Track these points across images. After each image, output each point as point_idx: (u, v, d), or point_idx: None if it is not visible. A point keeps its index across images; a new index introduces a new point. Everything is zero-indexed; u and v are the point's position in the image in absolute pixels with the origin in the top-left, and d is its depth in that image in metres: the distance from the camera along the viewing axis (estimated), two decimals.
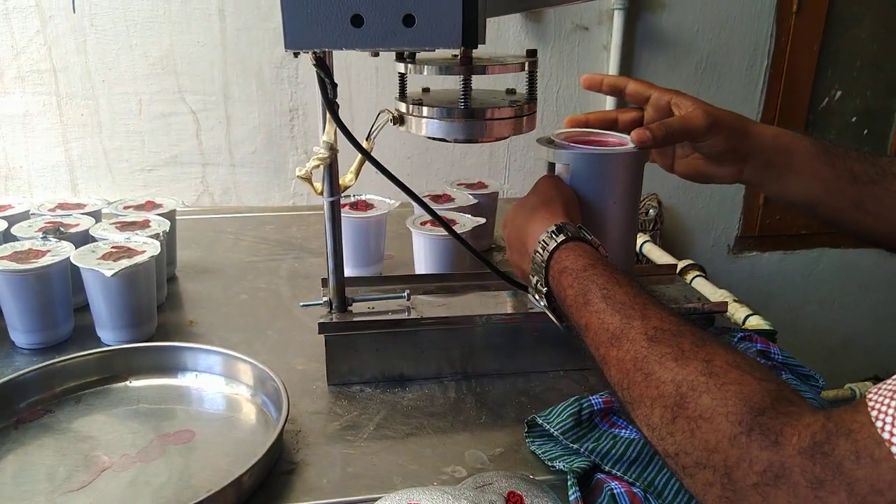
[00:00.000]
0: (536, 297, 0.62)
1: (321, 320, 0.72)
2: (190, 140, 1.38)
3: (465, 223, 0.95)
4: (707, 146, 0.69)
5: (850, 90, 1.63)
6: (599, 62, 1.47)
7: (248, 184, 1.43)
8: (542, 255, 0.60)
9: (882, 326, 1.84)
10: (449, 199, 1.05)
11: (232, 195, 1.43)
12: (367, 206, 0.99)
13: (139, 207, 0.97)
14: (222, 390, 0.71)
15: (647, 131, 0.66)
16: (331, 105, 0.65)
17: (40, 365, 0.68)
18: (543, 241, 0.60)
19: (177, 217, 1.00)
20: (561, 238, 0.59)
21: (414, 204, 1.08)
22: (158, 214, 0.93)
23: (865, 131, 1.68)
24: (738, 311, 1.08)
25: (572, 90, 1.48)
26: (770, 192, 0.73)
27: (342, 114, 0.66)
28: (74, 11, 1.28)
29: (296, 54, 0.60)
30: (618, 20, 1.43)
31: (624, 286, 0.53)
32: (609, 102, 1.48)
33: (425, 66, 0.66)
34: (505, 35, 1.42)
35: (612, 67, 1.46)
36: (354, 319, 0.73)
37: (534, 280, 0.62)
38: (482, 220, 0.96)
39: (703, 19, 1.49)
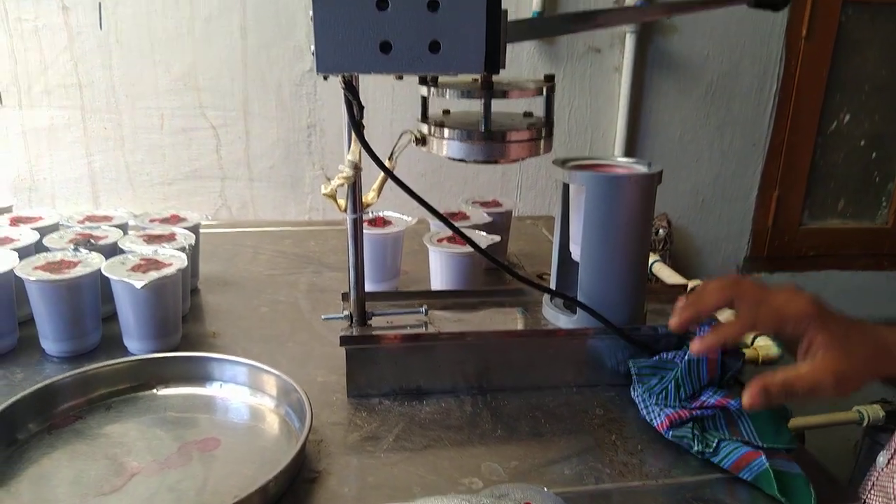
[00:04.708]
0: None
1: (342, 333, 0.75)
2: (210, 154, 1.42)
3: (481, 241, 0.97)
4: None
5: (858, 114, 1.66)
6: (611, 84, 1.50)
7: (265, 198, 1.46)
8: None
9: None
10: (464, 216, 1.08)
11: (249, 209, 1.46)
12: (384, 222, 1.02)
13: (164, 221, 0.99)
14: (247, 400, 0.73)
15: (765, 393, 0.59)
16: (357, 126, 0.67)
17: (75, 372, 0.71)
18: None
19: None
20: None
21: (430, 221, 1.11)
22: (183, 228, 0.96)
23: (874, 154, 1.70)
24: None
25: (584, 110, 1.51)
26: None
27: None
28: (101, 28, 1.32)
29: (325, 77, 0.63)
30: (629, 43, 1.46)
31: None
32: (620, 122, 1.51)
33: (447, 90, 0.69)
34: (519, 56, 1.45)
35: (624, 89, 1.49)
36: (374, 333, 0.76)
37: None
38: (497, 238, 0.98)
39: (713, 43, 1.52)
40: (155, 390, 0.74)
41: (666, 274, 1.33)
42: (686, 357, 0.71)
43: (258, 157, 1.43)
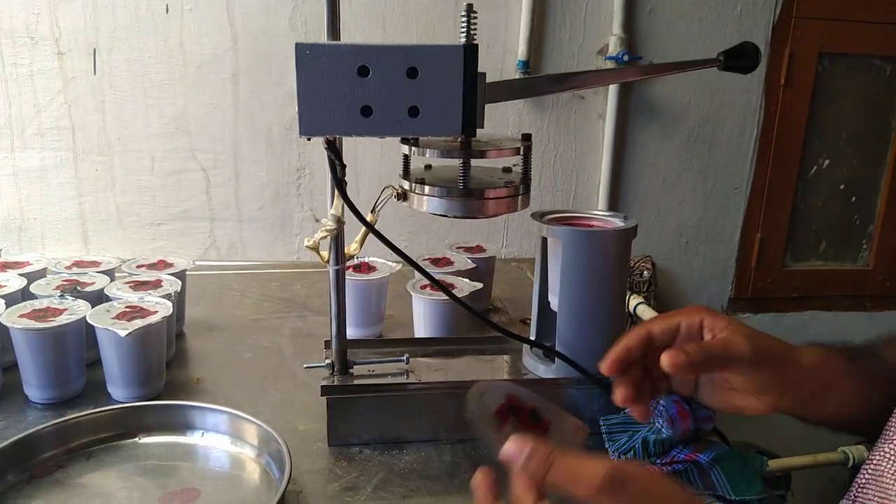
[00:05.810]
0: None
1: (324, 383, 0.76)
2: (199, 196, 1.44)
3: (463, 287, 0.99)
4: (745, 379, 0.61)
5: (837, 159, 1.69)
6: (595, 129, 1.54)
7: (253, 239, 1.48)
8: None
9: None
10: (448, 262, 1.10)
11: (238, 249, 1.48)
12: (369, 268, 1.04)
13: (151, 266, 1.01)
14: (228, 449, 0.74)
15: (682, 354, 0.56)
16: (339, 184, 0.70)
17: (56, 421, 0.72)
18: None
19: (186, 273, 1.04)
20: None
21: None
22: (170, 274, 0.97)
23: (853, 198, 1.73)
24: None
25: (568, 155, 1.54)
26: (808, 420, 0.65)
27: (349, 187, 0.71)
28: (95, 73, 1.34)
29: (308, 138, 0.65)
30: (612, 90, 1.50)
31: None
32: (604, 167, 1.54)
33: (427, 150, 0.71)
34: (505, 104, 1.48)
35: (608, 134, 1.52)
36: (355, 383, 0.77)
37: None
38: (479, 286, 1.00)
39: (694, 90, 1.56)
40: (137, 439, 0.75)
41: (649, 316, 1.35)
42: (662, 433, 0.72)
43: (247, 199, 1.45)
